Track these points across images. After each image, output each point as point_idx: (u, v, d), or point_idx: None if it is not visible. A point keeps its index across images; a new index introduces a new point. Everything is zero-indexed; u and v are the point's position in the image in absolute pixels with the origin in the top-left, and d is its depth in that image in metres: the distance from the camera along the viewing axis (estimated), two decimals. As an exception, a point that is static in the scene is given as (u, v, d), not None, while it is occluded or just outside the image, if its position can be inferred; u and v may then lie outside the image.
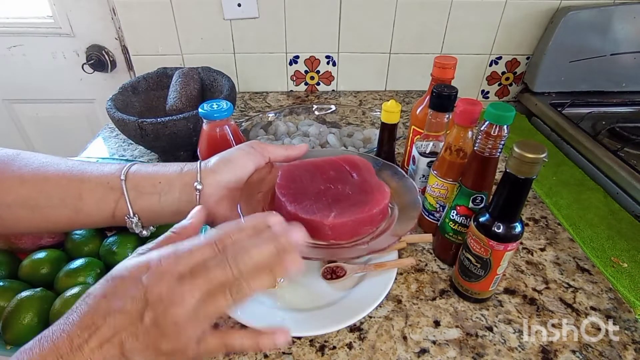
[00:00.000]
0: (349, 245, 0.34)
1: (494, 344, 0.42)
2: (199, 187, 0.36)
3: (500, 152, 0.40)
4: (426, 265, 0.52)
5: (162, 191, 0.36)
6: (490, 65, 0.98)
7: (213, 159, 0.39)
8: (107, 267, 0.45)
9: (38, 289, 0.40)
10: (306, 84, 1.02)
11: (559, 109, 0.88)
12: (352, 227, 0.34)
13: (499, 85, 1.02)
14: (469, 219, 0.45)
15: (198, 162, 0.39)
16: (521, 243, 0.56)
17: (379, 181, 0.38)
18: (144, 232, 0.38)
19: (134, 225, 0.37)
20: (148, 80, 0.78)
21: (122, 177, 0.35)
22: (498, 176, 0.40)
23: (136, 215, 0.36)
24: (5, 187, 0.34)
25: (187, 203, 0.36)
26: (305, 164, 0.40)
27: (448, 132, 0.49)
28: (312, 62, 0.98)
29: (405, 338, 0.43)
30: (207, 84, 0.79)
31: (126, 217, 0.36)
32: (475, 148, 0.41)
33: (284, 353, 0.41)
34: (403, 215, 0.37)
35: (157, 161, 0.71)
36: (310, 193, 0.36)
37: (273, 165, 0.41)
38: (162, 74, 0.79)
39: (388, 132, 0.53)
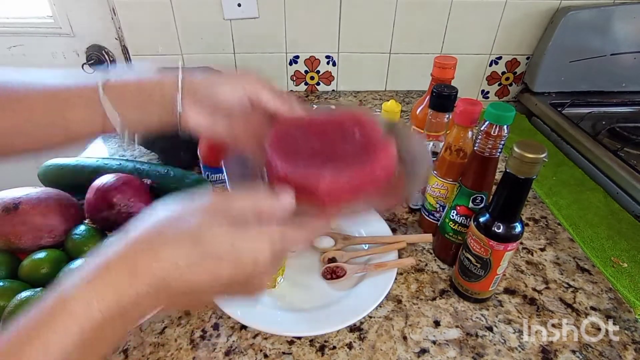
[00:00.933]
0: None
1: (494, 344, 0.42)
2: (179, 99, 0.35)
3: (500, 152, 0.40)
4: (426, 265, 0.52)
5: (143, 102, 0.36)
6: (490, 65, 0.98)
7: (198, 75, 0.38)
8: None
9: (38, 289, 0.40)
10: (306, 84, 1.02)
11: (559, 109, 0.88)
12: (350, 188, 0.31)
13: (499, 85, 1.02)
14: (469, 219, 0.45)
15: (179, 68, 0.37)
16: (521, 243, 0.56)
17: (385, 139, 0.33)
18: (134, 142, 0.38)
19: (125, 140, 0.37)
20: (148, 80, 0.78)
21: (101, 91, 0.35)
22: (498, 176, 0.40)
23: (125, 127, 0.36)
24: None
25: (169, 114, 0.36)
26: (301, 121, 0.37)
27: (448, 132, 0.49)
28: (312, 62, 0.98)
29: (405, 338, 0.43)
30: (207, 84, 0.79)
31: (115, 133, 0.36)
32: (475, 148, 0.41)
33: (284, 353, 0.41)
34: (409, 176, 0.34)
35: (158, 161, 0.71)
36: (305, 152, 0.33)
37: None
38: (162, 74, 0.79)
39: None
